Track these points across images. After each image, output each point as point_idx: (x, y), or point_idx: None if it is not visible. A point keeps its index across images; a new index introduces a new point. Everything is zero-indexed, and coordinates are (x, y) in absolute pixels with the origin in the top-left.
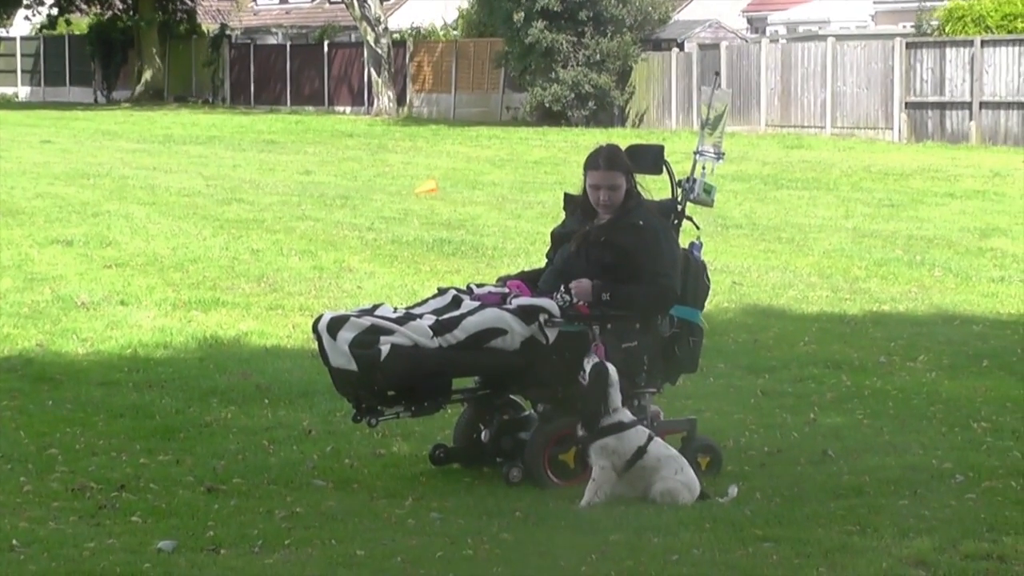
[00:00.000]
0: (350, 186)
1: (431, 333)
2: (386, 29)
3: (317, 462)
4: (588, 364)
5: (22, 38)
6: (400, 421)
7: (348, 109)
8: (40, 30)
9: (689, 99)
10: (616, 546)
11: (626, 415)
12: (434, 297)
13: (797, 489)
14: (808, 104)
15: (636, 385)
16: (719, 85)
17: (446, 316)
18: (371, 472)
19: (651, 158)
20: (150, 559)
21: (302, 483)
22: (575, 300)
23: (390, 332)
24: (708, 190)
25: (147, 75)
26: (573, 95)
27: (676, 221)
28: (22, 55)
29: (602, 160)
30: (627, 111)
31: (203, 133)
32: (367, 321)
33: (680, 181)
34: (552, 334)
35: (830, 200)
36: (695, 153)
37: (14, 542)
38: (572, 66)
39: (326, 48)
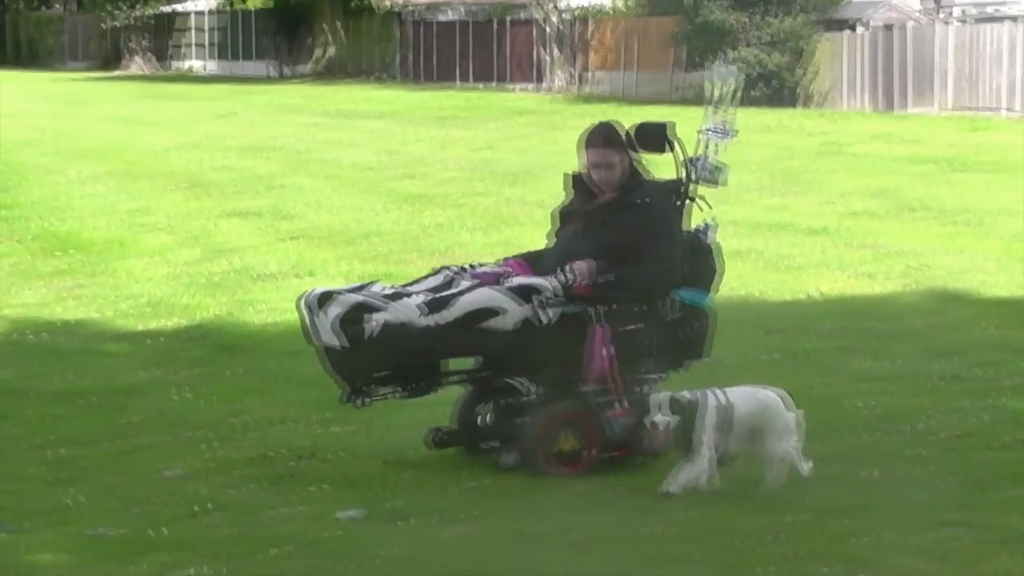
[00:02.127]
0: (524, 163)
1: (422, 311)
2: (561, 7)
3: None
4: (660, 417)
5: (207, 12)
6: None
7: (522, 86)
8: (227, 4)
9: (864, 79)
10: (797, 527)
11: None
12: (429, 276)
13: (984, 474)
14: (989, 86)
15: (639, 371)
16: (728, 61)
17: (440, 295)
18: None
19: (657, 137)
20: (333, 527)
21: (480, 456)
22: (575, 280)
23: (379, 309)
24: (717, 169)
25: (325, 51)
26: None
27: (680, 201)
28: (205, 29)
29: (598, 138)
30: (802, 91)
31: (379, 108)
32: (356, 298)
33: (686, 160)
34: (550, 315)
35: (1012, 183)
36: (701, 131)
37: (201, 507)
38: (747, 46)
39: (501, 25)
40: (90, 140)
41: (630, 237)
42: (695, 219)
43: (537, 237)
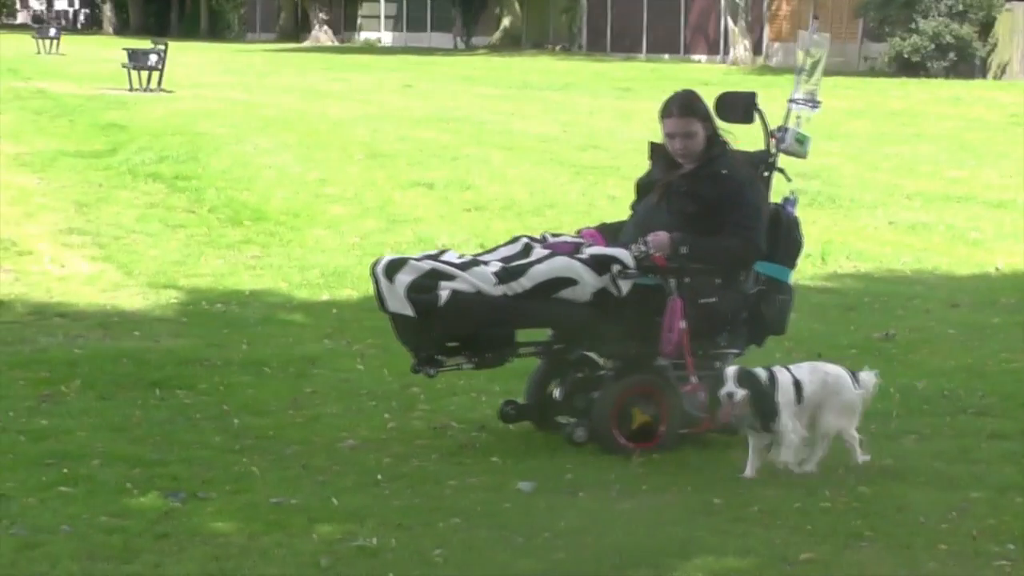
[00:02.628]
0: None
1: (495, 280)
2: None
3: None
4: (730, 389)
5: None
6: None
7: (704, 57)
8: None
9: None
10: (977, 503)
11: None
12: (505, 245)
13: None
14: None
15: (716, 345)
16: (818, 30)
17: (513, 264)
18: None
19: (741, 106)
20: (510, 499)
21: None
22: (652, 252)
23: (451, 277)
24: (801, 140)
25: (506, 21)
26: (933, 46)
27: (767, 172)
28: (386, 1)
29: (675, 107)
30: (989, 63)
31: (559, 80)
32: (427, 265)
33: (773, 131)
34: (625, 286)
35: None
36: (789, 101)
37: (379, 476)
38: (933, 16)
39: None
40: (273, 111)
41: (710, 208)
42: (778, 192)
43: None
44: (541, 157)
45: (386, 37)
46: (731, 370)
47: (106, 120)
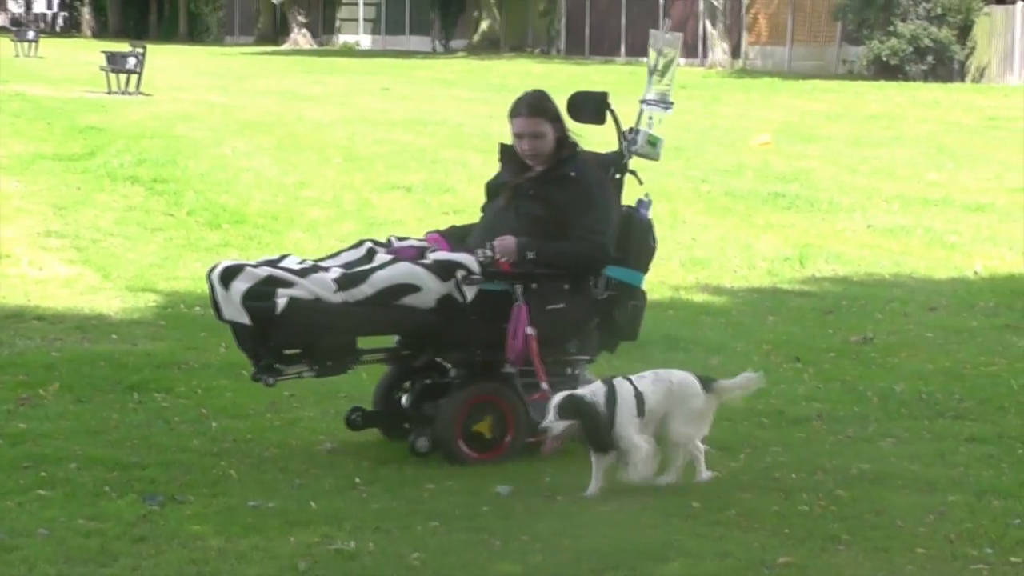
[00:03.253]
0: (684, 137)
1: (335, 287)
2: None
3: None
4: (552, 420)
5: None
6: None
7: (682, 61)
8: None
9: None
10: (955, 507)
11: (593, 387)
12: (348, 249)
13: None
14: None
15: (566, 352)
16: (669, 29)
17: (355, 270)
18: None
19: (593, 106)
20: (488, 502)
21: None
22: (498, 257)
23: (289, 284)
24: (653, 142)
25: (484, 24)
26: (912, 49)
27: (618, 175)
28: (364, 4)
29: (524, 107)
30: (967, 66)
31: (538, 83)
32: (264, 271)
33: (624, 132)
34: (470, 292)
35: None
36: (640, 102)
37: (357, 480)
38: (912, 19)
39: None
40: (251, 114)
41: (559, 212)
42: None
43: (695, 211)
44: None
45: (364, 40)
46: (555, 399)
47: (84, 123)
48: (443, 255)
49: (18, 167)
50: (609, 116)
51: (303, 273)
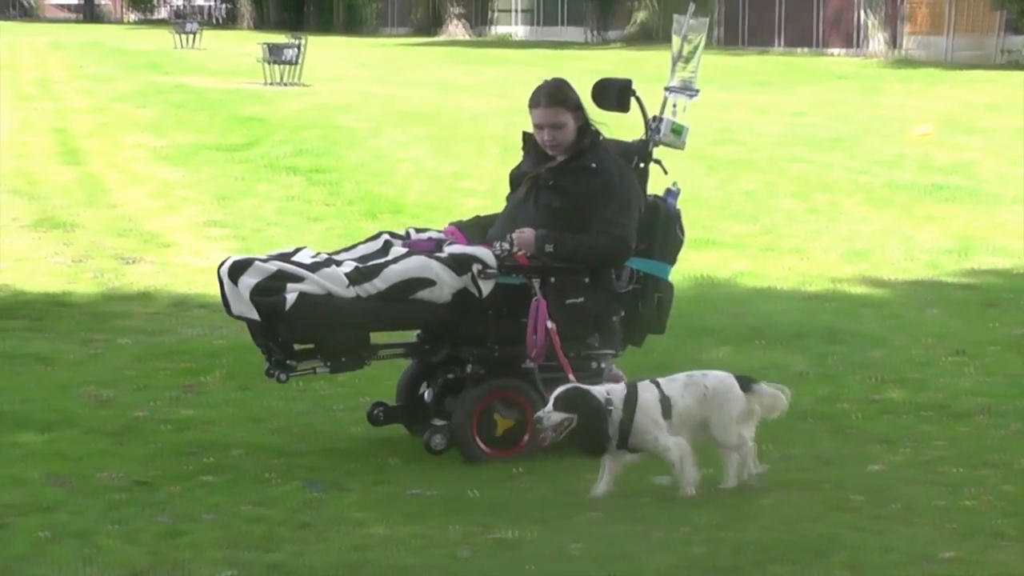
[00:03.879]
0: (842, 129)
1: (347, 282)
2: None
3: (811, 405)
4: (547, 412)
5: None
6: None
7: (840, 51)
8: None
9: None
10: None
11: (611, 387)
12: (365, 242)
13: None
14: None
15: (588, 347)
16: (695, 14)
17: (368, 264)
18: (865, 416)
19: (615, 94)
20: (648, 493)
21: (794, 425)
22: (515, 250)
23: (299, 279)
24: (678, 130)
25: (640, 15)
26: None
27: (642, 164)
28: None
29: (543, 96)
30: None
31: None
32: (273, 266)
33: (649, 120)
34: (487, 287)
35: None
36: (664, 89)
37: (516, 470)
38: None
39: None
40: (408, 105)
41: (578, 203)
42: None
43: (854, 203)
44: (675, 151)
45: (520, 31)
46: (557, 390)
47: (245, 114)
48: (459, 248)
49: (181, 157)
50: (635, 104)
51: (314, 268)
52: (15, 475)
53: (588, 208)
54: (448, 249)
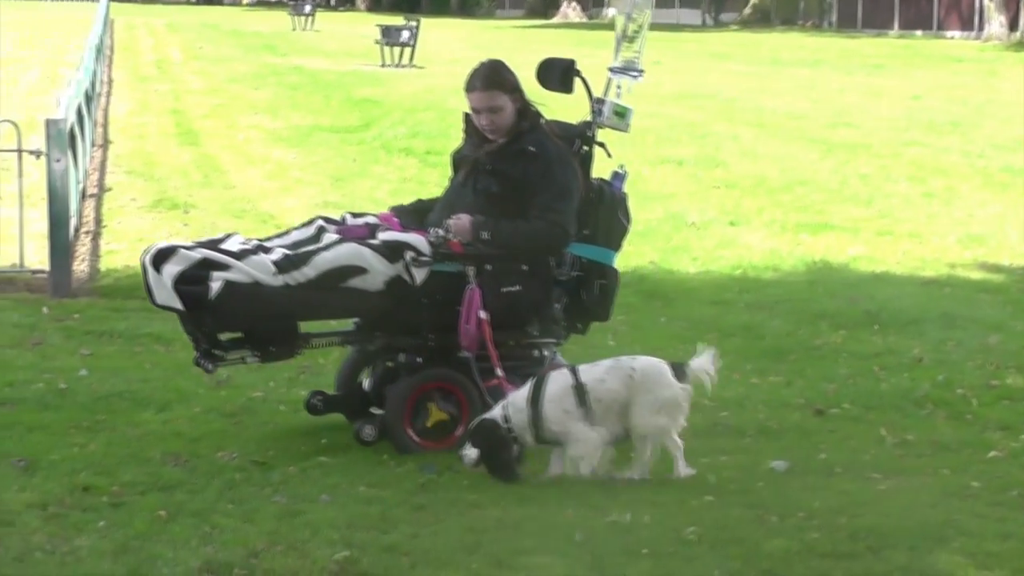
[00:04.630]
0: (959, 112)
1: (275, 269)
2: None
3: (928, 391)
4: (468, 453)
5: None
6: None
7: (957, 33)
8: None
9: None
10: None
11: (510, 399)
12: (299, 228)
13: None
14: None
15: (528, 335)
16: None
17: (298, 251)
18: (983, 402)
19: (558, 74)
20: (763, 477)
21: (912, 411)
22: (451, 237)
23: (225, 267)
24: (621, 112)
25: None
26: None
27: (585, 148)
28: None
29: (479, 80)
30: None
31: (809, 56)
32: (198, 254)
33: (592, 102)
34: (420, 274)
35: None
36: (609, 70)
37: (632, 453)
38: None
39: None
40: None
41: (516, 188)
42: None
43: (971, 187)
44: (791, 134)
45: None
46: (470, 426)
47: (360, 96)
48: (392, 235)
49: (297, 139)
50: (581, 85)
51: (241, 255)
52: (134, 454)
53: (526, 193)
54: (381, 236)
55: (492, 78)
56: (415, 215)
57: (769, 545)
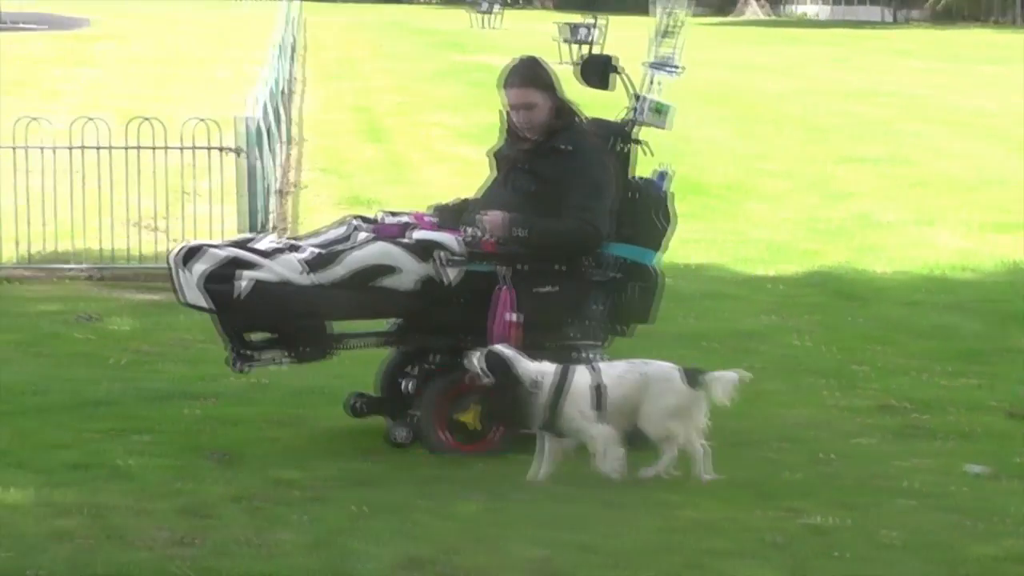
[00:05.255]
0: None
1: (303, 268)
2: None
3: None
4: (476, 358)
5: None
6: None
7: None
8: None
9: None
10: None
11: (543, 367)
12: (331, 227)
13: None
14: None
15: (567, 337)
16: None
17: (329, 250)
18: None
19: (596, 71)
20: (960, 481)
21: None
22: (485, 235)
23: (253, 266)
24: (659, 109)
25: None
26: None
27: (622, 146)
28: None
29: (515, 76)
30: None
31: (995, 53)
32: (226, 253)
33: (633, 99)
34: (453, 274)
35: None
36: (646, 65)
37: (827, 455)
38: None
39: None
40: (707, 85)
41: (551, 187)
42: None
43: None
44: (980, 132)
45: (818, 10)
46: (491, 347)
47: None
48: (424, 234)
49: (482, 136)
50: (622, 81)
51: (270, 254)
52: (329, 449)
53: (559, 192)
54: (414, 235)
55: (528, 75)
56: (457, 214)
57: (969, 551)
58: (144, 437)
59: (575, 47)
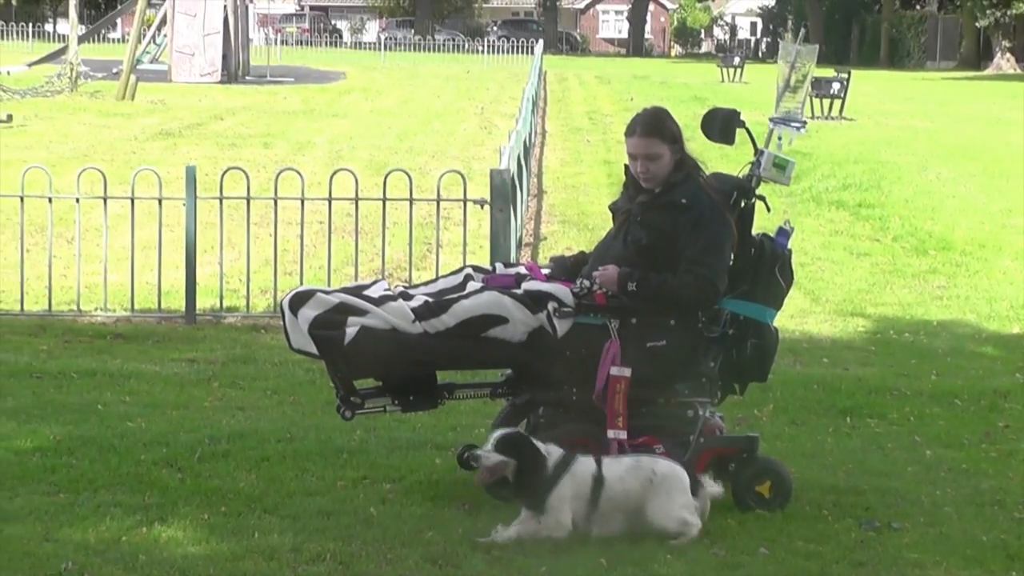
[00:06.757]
0: None
1: (413, 316)
2: None
3: None
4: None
5: None
6: None
7: None
8: None
9: None
10: None
11: (552, 451)
12: (447, 276)
13: None
14: None
15: (678, 393)
16: (804, 39)
17: (439, 299)
18: None
19: (719, 125)
20: None
21: None
22: (596, 288)
23: (362, 312)
24: (781, 164)
25: None
26: None
27: (743, 202)
28: None
29: (639, 126)
30: None
31: None
32: (335, 299)
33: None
34: (563, 326)
35: None
36: (770, 120)
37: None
38: None
39: None
40: (955, 139)
41: (666, 240)
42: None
43: None
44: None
45: None
46: (498, 432)
47: (789, 148)
48: (535, 285)
49: None
50: (746, 136)
51: (381, 301)
52: None
53: (676, 246)
54: (525, 286)
55: (653, 125)
56: (575, 266)
57: None
58: (392, 486)
59: (824, 101)
